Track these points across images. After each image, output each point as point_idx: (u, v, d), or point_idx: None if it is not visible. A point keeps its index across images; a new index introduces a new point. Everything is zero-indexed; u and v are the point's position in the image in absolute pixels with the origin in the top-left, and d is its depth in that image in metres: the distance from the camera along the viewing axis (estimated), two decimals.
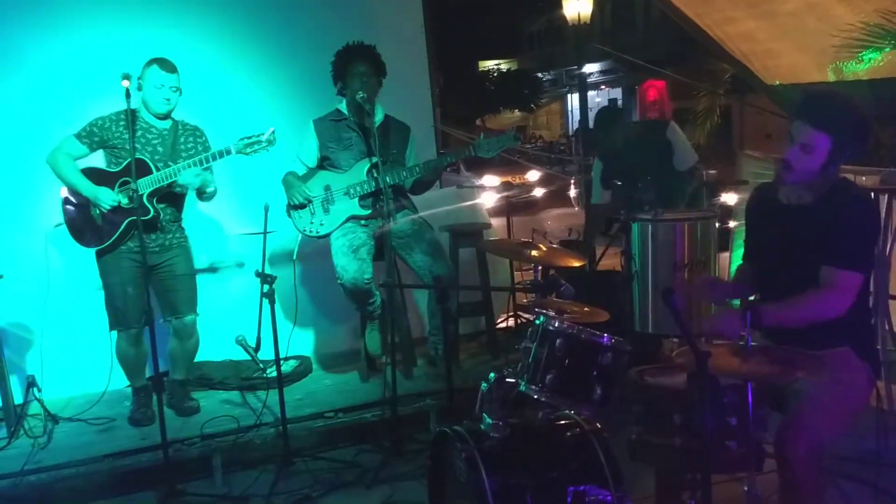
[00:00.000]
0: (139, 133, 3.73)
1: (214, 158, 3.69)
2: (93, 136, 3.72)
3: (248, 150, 3.68)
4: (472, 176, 12.38)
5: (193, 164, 3.67)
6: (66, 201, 3.75)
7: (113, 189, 3.67)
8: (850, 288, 2.42)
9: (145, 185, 3.62)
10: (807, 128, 2.43)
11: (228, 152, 3.68)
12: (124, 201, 3.62)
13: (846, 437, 2.60)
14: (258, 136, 3.67)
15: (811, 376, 2.27)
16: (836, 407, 2.42)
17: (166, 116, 3.81)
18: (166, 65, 3.71)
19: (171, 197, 3.81)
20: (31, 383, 3.91)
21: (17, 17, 4.28)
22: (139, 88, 3.66)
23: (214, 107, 4.39)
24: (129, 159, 3.43)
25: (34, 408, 3.94)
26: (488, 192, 6.16)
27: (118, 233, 3.68)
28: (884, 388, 3.63)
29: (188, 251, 3.95)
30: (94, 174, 3.71)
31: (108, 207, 3.64)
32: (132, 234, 3.68)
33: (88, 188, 3.66)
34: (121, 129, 3.72)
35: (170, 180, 3.68)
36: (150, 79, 3.68)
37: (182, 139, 3.85)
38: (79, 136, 3.71)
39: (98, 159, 3.81)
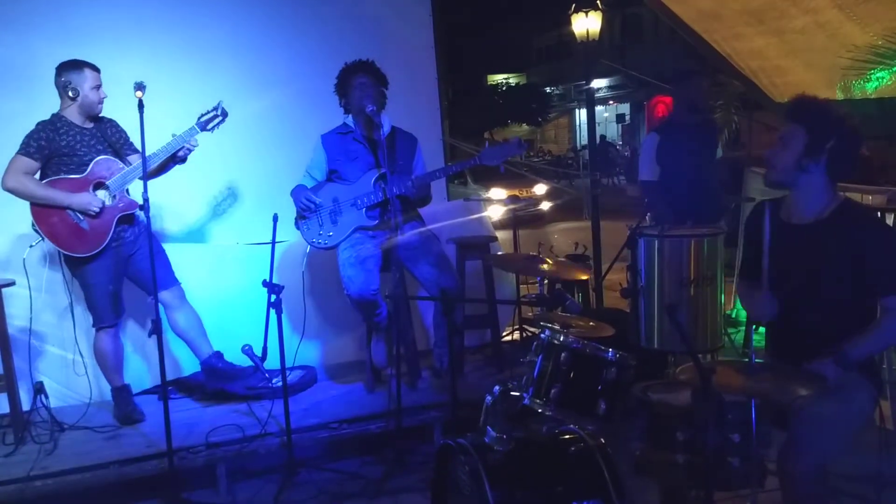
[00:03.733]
0: (75, 136, 3.76)
1: (184, 140, 3.77)
2: (42, 150, 3.70)
3: (210, 125, 3.80)
4: (479, 188, 12.41)
5: (166, 151, 3.76)
6: (39, 219, 3.71)
7: (89, 192, 3.72)
8: None
9: (125, 180, 3.76)
10: (785, 122, 2.52)
11: (194, 131, 3.79)
12: (108, 201, 3.71)
13: (849, 455, 2.59)
14: (213, 110, 3.81)
15: (813, 394, 2.28)
16: (839, 425, 2.43)
17: (97, 116, 3.87)
18: (94, 66, 3.78)
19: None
20: (38, 390, 3.93)
21: (17, 27, 4.32)
22: (70, 93, 3.70)
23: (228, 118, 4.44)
24: (90, 162, 3.62)
25: (41, 414, 3.96)
26: (495, 204, 6.18)
27: (112, 232, 3.75)
28: (888, 406, 3.63)
29: (150, 232, 4.00)
30: (64, 184, 3.73)
31: (97, 211, 3.69)
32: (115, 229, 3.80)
33: (71, 198, 3.69)
34: (63, 136, 3.74)
35: (145, 171, 3.76)
36: (87, 81, 3.73)
37: (109, 132, 3.92)
38: (29, 154, 3.68)
39: None
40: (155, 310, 3.51)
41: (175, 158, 3.85)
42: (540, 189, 13.75)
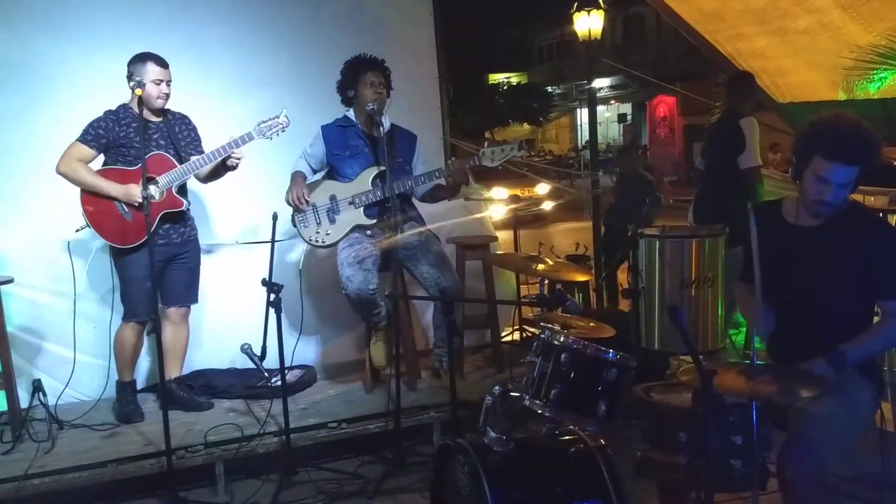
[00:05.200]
0: (137, 128, 3.74)
1: (238, 145, 3.76)
2: (100, 139, 3.76)
3: (269, 132, 3.79)
4: (480, 188, 12.36)
5: (216, 154, 3.76)
6: (86, 205, 3.76)
7: (137, 184, 3.69)
8: None
9: (173, 179, 3.75)
10: (848, 169, 2.44)
11: (250, 137, 3.77)
12: (155, 196, 3.71)
13: (850, 458, 2.58)
14: (274, 117, 3.79)
15: (814, 396, 2.26)
16: (839, 427, 2.42)
17: (161, 111, 3.87)
18: (161, 60, 3.77)
19: (182, 185, 3.92)
20: (36, 388, 3.93)
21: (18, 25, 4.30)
22: (134, 85, 3.66)
23: (227, 116, 4.42)
24: (146, 156, 3.55)
25: (39, 412, 3.95)
26: (496, 204, 6.17)
27: (154, 227, 3.73)
28: (889, 408, 3.61)
29: (199, 245, 4.10)
30: (114, 174, 3.76)
31: (139, 202, 3.66)
32: (160, 226, 3.81)
33: (117, 188, 3.72)
34: (124, 127, 3.77)
35: (195, 171, 3.80)
36: (148, 75, 3.71)
37: (177, 129, 3.94)
38: (86, 141, 3.74)
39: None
40: (154, 308, 3.50)
41: (225, 166, 3.85)
42: (542, 189, 13.68)
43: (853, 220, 2.55)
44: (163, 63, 3.77)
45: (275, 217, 3.58)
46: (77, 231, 3.81)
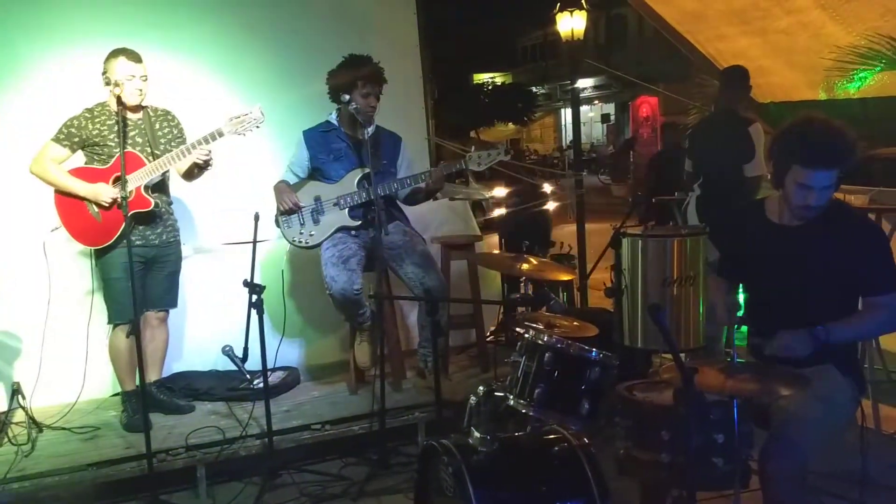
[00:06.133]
0: (112, 126, 3.70)
1: (207, 142, 3.69)
2: (72, 138, 3.71)
3: (242, 128, 3.70)
4: (481, 188, 12.22)
5: (186, 150, 3.69)
6: (59, 205, 3.73)
7: (108, 184, 3.66)
8: None
9: (141, 178, 3.65)
10: (828, 173, 2.45)
11: (220, 134, 3.69)
12: (124, 195, 3.60)
13: (831, 455, 2.60)
14: (247, 112, 3.70)
15: (795, 393, 2.28)
16: (820, 424, 2.43)
17: (138, 107, 3.80)
18: (133, 55, 3.70)
19: (160, 184, 3.85)
20: (15, 390, 3.88)
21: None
22: (108, 82, 3.62)
23: (208, 117, 4.39)
24: (117, 154, 3.48)
25: (19, 415, 3.91)
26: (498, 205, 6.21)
27: (122, 227, 3.66)
28: (869, 405, 3.65)
29: (180, 248, 4.03)
30: (85, 173, 3.71)
31: (109, 203, 3.63)
32: (135, 227, 3.72)
33: (85, 188, 3.67)
34: (97, 125, 3.72)
35: (164, 170, 3.73)
36: (119, 70, 3.64)
37: (157, 125, 3.87)
38: (58, 140, 3.70)
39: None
40: (134, 311, 3.46)
41: (198, 165, 3.77)
42: (545, 189, 13.61)
43: (836, 218, 2.56)
44: (135, 58, 3.70)
45: (256, 217, 3.55)
46: (52, 231, 3.77)
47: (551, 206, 8.33)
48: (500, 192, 9.15)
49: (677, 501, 2.49)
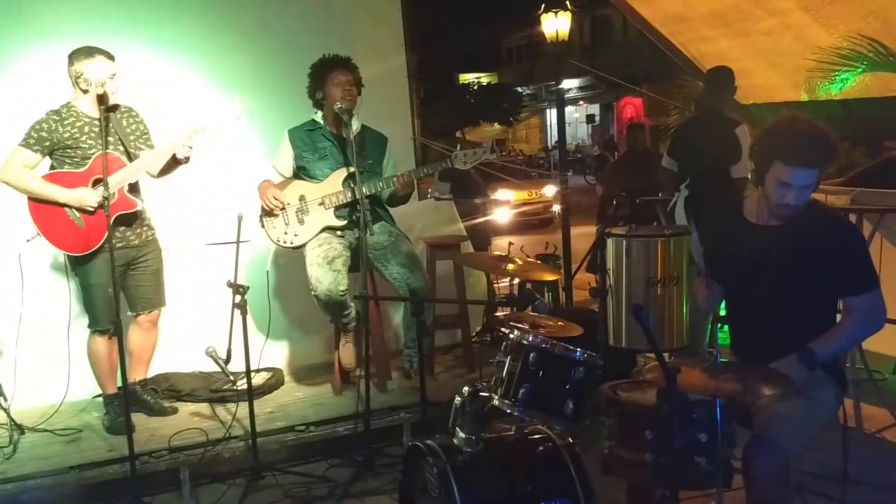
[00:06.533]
0: (82, 127, 3.62)
1: (191, 137, 3.65)
2: (43, 142, 3.58)
3: (222, 124, 3.68)
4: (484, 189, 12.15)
5: (171, 148, 3.66)
6: (35, 214, 3.60)
7: (88, 187, 3.59)
8: (881, 302, 2.54)
9: (124, 178, 3.61)
10: (808, 172, 2.47)
11: (203, 129, 3.65)
12: (106, 196, 3.55)
13: (814, 454, 2.62)
14: (229, 108, 3.70)
15: (778, 393, 2.29)
16: (802, 423, 2.45)
17: (112, 106, 3.71)
18: (109, 54, 3.62)
19: (134, 183, 3.79)
20: None
21: None
22: (82, 84, 3.56)
23: (186, 117, 4.36)
24: (93, 156, 3.44)
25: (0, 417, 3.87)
26: (502, 207, 6.18)
27: (108, 232, 3.63)
28: (851, 405, 3.68)
29: (159, 246, 3.97)
30: (61, 178, 3.61)
31: (94, 208, 3.57)
32: (115, 229, 3.65)
33: (67, 194, 3.56)
34: (68, 127, 3.61)
35: (146, 169, 3.68)
36: (100, 70, 3.56)
37: (125, 123, 3.78)
38: (29, 145, 3.56)
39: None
40: (116, 311, 3.43)
41: (177, 160, 3.72)
42: (549, 191, 13.56)
43: (815, 218, 2.58)
44: (111, 56, 3.62)
45: (240, 217, 3.53)
46: (28, 241, 3.65)
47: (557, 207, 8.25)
48: (507, 194, 9.10)
49: (661, 501, 2.50)
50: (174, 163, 3.75)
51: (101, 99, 3.44)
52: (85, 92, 3.61)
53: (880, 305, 2.54)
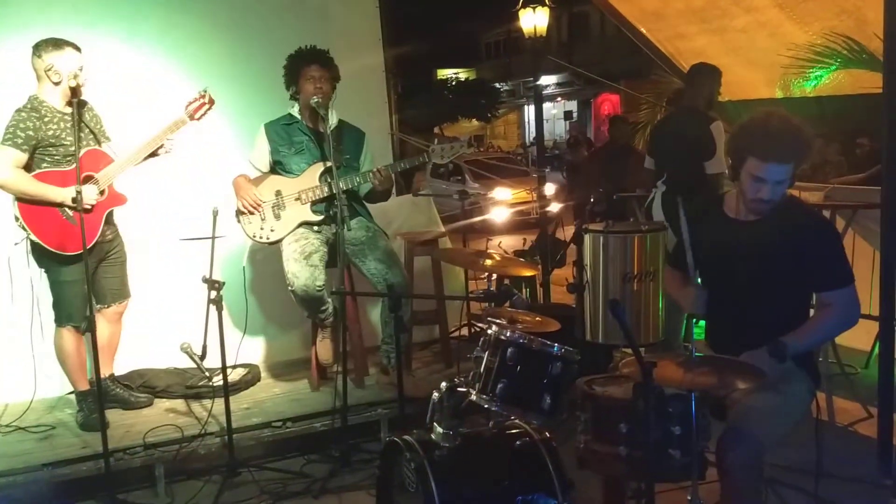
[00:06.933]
0: (59, 123, 3.55)
1: (171, 131, 3.64)
2: (30, 141, 3.47)
3: (198, 114, 3.70)
4: (479, 188, 12.01)
5: (157, 140, 3.64)
6: (26, 215, 3.50)
7: (80, 185, 3.52)
8: (855, 298, 2.57)
9: (114, 173, 3.59)
10: (782, 167, 2.50)
11: (183, 122, 3.66)
12: (98, 196, 3.53)
13: (787, 447, 2.65)
14: (198, 98, 3.71)
15: (752, 386, 2.32)
16: (776, 417, 2.48)
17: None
18: (76, 46, 3.54)
19: None
20: None
21: None
22: (53, 77, 3.48)
23: (166, 111, 4.31)
24: (80, 153, 3.36)
25: None
26: (499, 206, 6.18)
27: (101, 228, 3.60)
28: (824, 398, 3.73)
29: (122, 238, 3.94)
30: (51, 178, 3.52)
31: (92, 205, 3.52)
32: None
33: (63, 193, 3.47)
34: (48, 124, 3.52)
35: (135, 163, 3.65)
36: (71, 63, 3.49)
37: (88, 117, 3.72)
38: (17, 145, 3.44)
39: None
40: (90, 307, 3.39)
41: (155, 152, 3.70)
42: (549, 189, 13.54)
43: (790, 214, 2.61)
44: (78, 48, 3.54)
45: (215, 212, 3.50)
46: (17, 244, 3.57)
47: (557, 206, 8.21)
48: (503, 193, 9.05)
49: (636, 494, 2.52)
50: (150, 155, 3.72)
51: (75, 91, 3.36)
52: (56, 84, 3.53)
53: (855, 301, 2.58)
